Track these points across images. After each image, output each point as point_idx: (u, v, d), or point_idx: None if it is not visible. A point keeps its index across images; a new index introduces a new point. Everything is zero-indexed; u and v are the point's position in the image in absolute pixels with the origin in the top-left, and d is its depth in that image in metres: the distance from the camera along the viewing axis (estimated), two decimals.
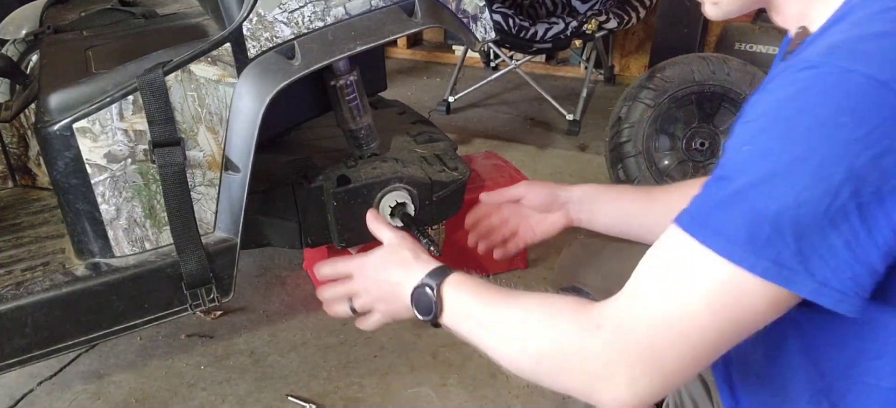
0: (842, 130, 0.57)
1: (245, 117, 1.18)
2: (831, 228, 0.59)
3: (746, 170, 0.61)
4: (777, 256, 0.60)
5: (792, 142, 0.59)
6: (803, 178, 0.58)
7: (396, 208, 1.42)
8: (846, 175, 0.57)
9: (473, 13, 1.37)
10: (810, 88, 0.59)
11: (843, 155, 0.57)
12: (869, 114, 0.57)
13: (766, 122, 0.61)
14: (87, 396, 1.46)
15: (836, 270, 0.60)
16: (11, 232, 1.35)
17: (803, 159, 0.59)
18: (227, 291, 1.28)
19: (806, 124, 0.59)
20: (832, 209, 0.58)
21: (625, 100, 2.04)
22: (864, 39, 0.60)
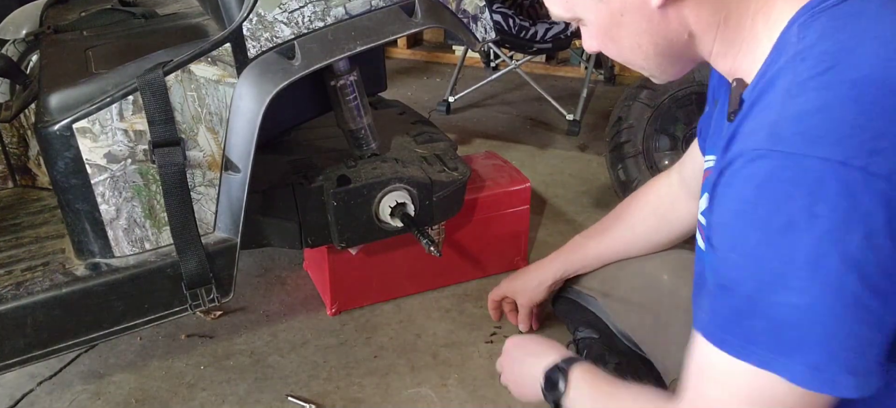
0: (820, 220, 0.57)
1: (245, 117, 1.18)
2: (855, 321, 0.58)
3: (741, 279, 0.62)
4: (811, 360, 0.59)
5: (774, 245, 0.59)
6: (800, 279, 0.58)
7: (396, 208, 1.42)
8: (841, 263, 0.57)
9: (473, 13, 1.37)
10: (771, 184, 0.59)
11: (831, 245, 0.57)
12: (840, 199, 0.56)
13: (741, 225, 0.61)
14: (87, 396, 1.46)
15: (875, 360, 0.59)
16: (11, 232, 1.35)
17: (792, 260, 0.58)
18: (227, 292, 1.28)
19: (780, 224, 0.58)
20: (846, 300, 0.57)
21: (625, 100, 2.04)
22: (807, 117, 0.59)
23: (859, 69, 0.60)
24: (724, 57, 0.74)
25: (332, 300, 1.67)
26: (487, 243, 1.76)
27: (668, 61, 0.77)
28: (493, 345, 1.58)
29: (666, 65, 0.77)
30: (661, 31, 0.73)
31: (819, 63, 0.61)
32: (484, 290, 1.75)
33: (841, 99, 0.59)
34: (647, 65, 0.78)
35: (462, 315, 1.67)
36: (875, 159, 0.56)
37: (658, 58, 0.76)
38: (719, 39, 0.73)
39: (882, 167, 0.56)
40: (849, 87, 0.59)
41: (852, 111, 0.58)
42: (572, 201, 2.21)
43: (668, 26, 0.72)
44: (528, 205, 1.79)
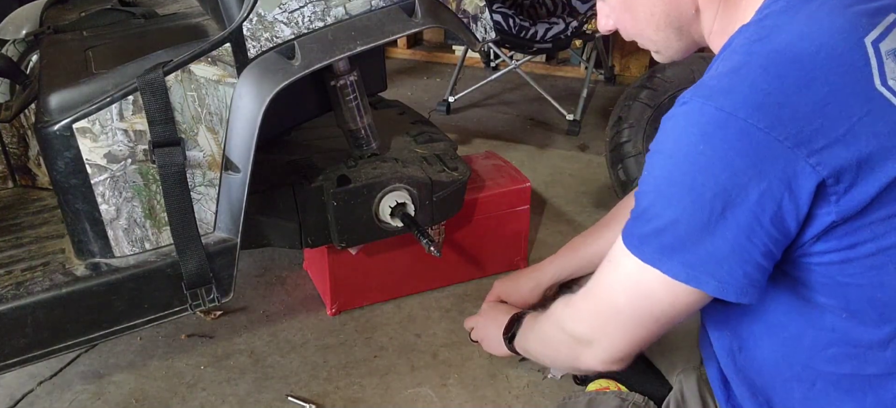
0: (701, 156, 0.70)
1: (245, 117, 1.18)
2: (717, 236, 0.72)
3: (645, 192, 0.77)
4: (683, 260, 0.74)
5: (669, 167, 0.74)
6: (683, 198, 0.72)
7: (396, 208, 1.42)
8: (714, 192, 0.70)
9: (473, 13, 1.37)
10: (678, 123, 0.74)
11: (707, 176, 0.70)
12: (720, 141, 0.69)
13: (655, 149, 0.76)
14: (87, 396, 1.46)
15: (731, 271, 0.73)
16: (11, 232, 1.35)
17: (678, 181, 0.73)
18: (227, 291, 1.28)
19: (679, 154, 0.73)
20: (712, 220, 0.71)
21: (625, 100, 2.04)
22: (720, 76, 0.72)
23: (776, 42, 0.71)
24: (719, 35, 0.83)
25: (332, 300, 1.67)
26: (487, 243, 1.76)
27: (675, 35, 0.86)
28: None
29: (673, 39, 0.87)
30: (673, 2, 0.83)
31: (752, 35, 0.74)
32: (484, 290, 1.75)
33: (750, 65, 0.71)
34: (657, 37, 0.88)
35: (462, 315, 1.67)
36: (756, 114, 0.68)
37: (667, 30, 0.86)
38: (719, 17, 0.83)
39: (761, 121, 0.68)
40: (762, 56, 0.71)
41: (754, 75, 0.70)
42: (572, 201, 2.21)
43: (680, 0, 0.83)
44: (528, 205, 1.79)
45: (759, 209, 0.70)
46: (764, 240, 0.71)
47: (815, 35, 0.71)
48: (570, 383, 1.42)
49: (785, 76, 0.69)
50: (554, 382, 1.48)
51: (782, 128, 0.68)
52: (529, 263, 1.86)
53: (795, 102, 0.68)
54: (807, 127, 0.68)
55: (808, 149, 0.68)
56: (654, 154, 0.76)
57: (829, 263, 0.74)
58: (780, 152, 0.68)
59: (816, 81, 0.69)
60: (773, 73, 0.69)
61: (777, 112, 0.68)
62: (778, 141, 0.68)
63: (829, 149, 0.68)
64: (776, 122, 0.68)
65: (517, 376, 1.50)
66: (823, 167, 0.68)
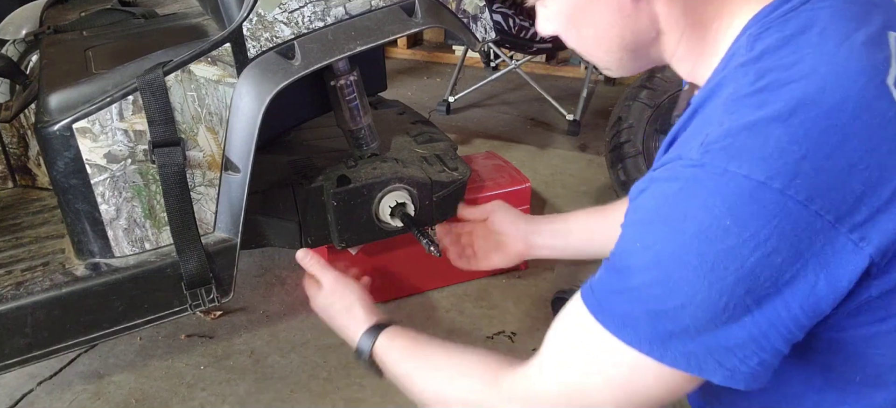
0: (727, 235, 0.59)
1: (245, 117, 1.18)
2: (733, 323, 0.61)
3: (640, 271, 0.64)
4: (685, 349, 0.63)
5: (681, 248, 0.61)
6: (696, 283, 0.60)
7: (396, 208, 1.42)
8: (737, 277, 0.59)
9: (473, 13, 1.37)
10: (691, 190, 0.61)
11: (731, 259, 0.59)
12: (751, 216, 0.58)
13: (655, 220, 0.63)
14: (87, 396, 1.46)
15: (744, 360, 0.62)
16: (11, 232, 1.35)
17: (693, 266, 0.60)
18: (227, 292, 1.28)
19: (692, 230, 0.60)
20: (730, 307, 0.60)
21: (625, 100, 2.04)
22: (736, 133, 0.60)
23: (791, 91, 0.60)
24: (684, 61, 0.74)
25: None
26: None
27: (629, 57, 0.76)
28: (493, 344, 1.58)
29: (626, 60, 0.76)
30: (630, 24, 0.72)
31: (758, 79, 0.62)
32: (484, 290, 1.75)
33: (769, 120, 0.60)
34: (607, 58, 0.77)
35: (462, 315, 1.67)
36: (794, 184, 0.58)
37: (620, 52, 0.75)
38: (684, 42, 0.73)
39: (800, 193, 0.58)
40: (780, 107, 0.60)
41: (778, 133, 0.59)
42: (572, 201, 2.21)
43: (638, 21, 0.72)
44: (529, 205, 1.79)
45: (790, 293, 0.60)
46: (789, 327, 0.62)
47: (835, 81, 0.61)
48: None
49: (813, 135, 0.59)
50: None
51: (822, 200, 0.58)
52: (529, 264, 1.86)
53: (831, 168, 0.58)
54: (848, 197, 0.58)
55: (851, 223, 0.58)
56: (653, 224, 0.64)
57: (853, 340, 0.66)
58: (819, 228, 0.58)
59: (849, 141, 0.59)
60: (799, 130, 0.59)
61: (815, 180, 0.58)
62: (819, 215, 0.58)
63: (873, 221, 0.59)
64: (815, 193, 0.58)
65: None
66: (868, 243, 0.59)
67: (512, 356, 0.81)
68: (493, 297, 1.74)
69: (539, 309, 1.66)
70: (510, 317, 1.67)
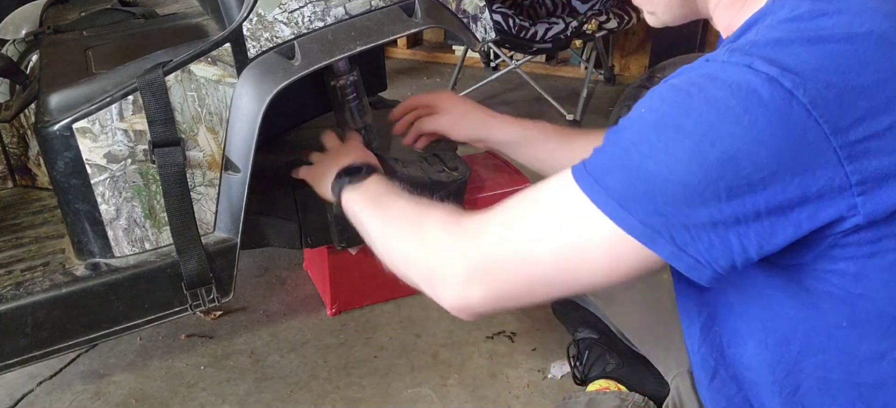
0: (727, 112, 0.61)
1: (245, 117, 1.18)
2: (699, 204, 0.63)
3: (637, 127, 0.66)
4: (645, 217, 0.65)
5: (682, 112, 0.64)
6: (683, 147, 0.63)
7: None
8: (720, 156, 0.61)
9: (473, 13, 1.37)
10: (713, 75, 0.64)
11: (723, 136, 0.61)
12: (755, 104, 0.61)
13: (667, 92, 0.66)
14: (87, 396, 1.46)
15: (694, 240, 0.65)
16: (11, 232, 1.35)
17: (687, 131, 0.63)
18: (227, 292, 1.28)
19: (698, 100, 0.63)
20: (701, 187, 0.62)
21: (625, 100, 2.04)
22: (763, 44, 0.64)
23: (820, 22, 0.64)
24: (727, 9, 0.77)
25: (332, 300, 1.67)
26: None
27: (678, 1, 0.80)
28: (493, 344, 1.58)
29: (675, 4, 0.80)
30: None
31: (793, 11, 0.66)
32: None
33: (796, 41, 0.63)
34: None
35: None
36: (802, 86, 0.61)
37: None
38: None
39: (805, 96, 0.60)
40: (809, 32, 0.64)
41: (801, 48, 0.63)
42: None
43: None
44: None
45: (762, 193, 0.62)
46: (750, 226, 0.64)
47: (866, 17, 0.65)
48: (570, 382, 1.42)
49: (833, 56, 0.62)
50: (554, 382, 1.49)
51: (824, 109, 0.61)
52: None
53: (841, 85, 0.61)
54: (849, 115, 0.61)
55: (844, 140, 0.61)
56: (669, 93, 0.66)
57: (843, 273, 0.68)
58: (812, 137, 0.61)
59: (866, 68, 0.62)
60: (821, 51, 0.62)
61: (824, 92, 0.61)
62: (817, 123, 0.61)
63: (865, 144, 0.62)
64: (820, 101, 0.61)
65: (517, 377, 1.50)
66: (852, 163, 0.62)
67: (510, 356, 0.82)
68: None
69: (539, 309, 1.66)
70: (510, 317, 1.67)
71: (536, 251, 0.71)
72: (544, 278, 0.72)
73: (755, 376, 0.80)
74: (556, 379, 1.48)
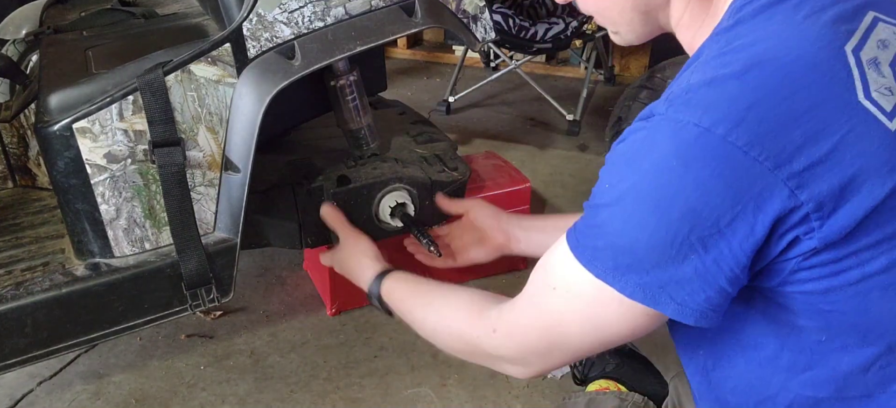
0: (672, 173, 0.65)
1: (245, 117, 1.18)
2: (681, 260, 0.67)
3: (605, 207, 0.71)
4: (640, 281, 0.69)
5: (636, 183, 0.68)
6: (647, 214, 0.67)
7: (396, 208, 1.42)
8: (682, 213, 0.65)
9: (473, 13, 1.37)
10: (652, 136, 0.68)
11: (676, 197, 0.65)
12: (694, 159, 0.64)
13: (621, 161, 0.71)
14: (87, 396, 1.46)
15: (692, 294, 0.68)
16: (11, 232, 1.35)
17: (644, 199, 0.67)
18: (227, 292, 1.28)
19: (646, 168, 0.67)
20: (676, 243, 0.66)
21: (625, 100, 2.04)
22: (695, 88, 0.66)
23: (752, 51, 0.66)
24: (687, 29, 0.79)
25: (332, 300, 1.67)
26: None
27: (640, 20, 0.80)
28: None
29: (637, 23, 0.81)
30: None
31: (726, 44, 0.68)
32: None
33: (726, 77, 0.65)
34: (620, 19, 0.81)
35: None
36: (736, 130, 0.62)
37: (633, 13, 0.79)
38: (690, 9, 0.77)
39: (740, 139, 0.62)
40: (738, 65, 0.65)
41: (732, 87, 0.64)
42: (572, 201, 2.21)
43: None
44: (528, 205, 1.79)
45: (731, 233, 0.65)
46: (731, 266, 0.67)
47: (794, 44, 0.66)
48: (570, 383, 1.42)
49: (763, 88, 0.64)
50: (554, 381, 1.49)
51: (761, 147, 0.62)
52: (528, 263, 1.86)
53: (775, 118, 0.63)
54: (788, 146, 0.62)
55: (788, 171, 0.63)
56: (619, 166, 0.71)
57: (811, 292, 0.69)
58: (758, 174, 0.63)
59: (797, 94, 0.63)
60: (750, 84, 0.64)
61: (757, 129, 0.62)
62: (757, 161, 0.62)
63: (812, 171, 0.63)
64: (755, 140, 0.62)
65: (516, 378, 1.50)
66: (803, 191, 0.63)
67: None
68: None
69: None
70: None
71: (567, 332, 0.77)
72: (585, 346, 0.79)
73: (745, 395, 0.80)
74: (555, 379, 1.48)
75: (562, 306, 0.76)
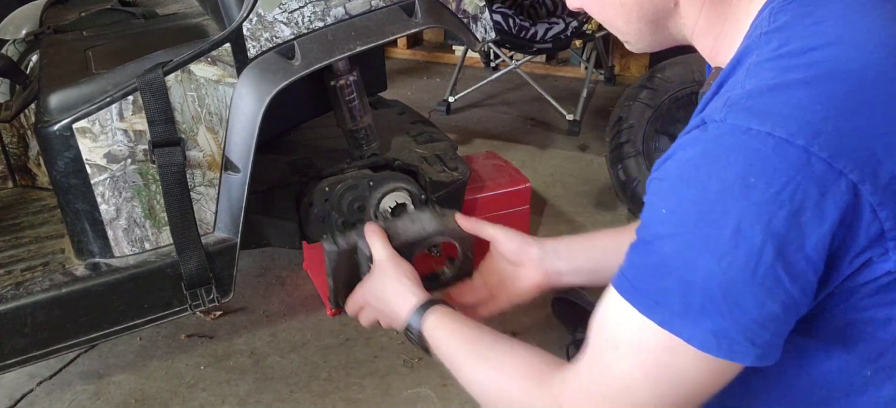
0: (752, 191, 0.57)
1: (245, 117, 1.18)
2: (766, 294, 0.58)
3: (666, 239, 0.61)
4: (715, 326, 0.59)
5: (706, 210, 0.58)
6: (722, 244, 0.58)
7: (396, 209, 1.42)
8: (765, 236, 0.57)
9: (473, 13, 1.37)
10: (714, 150, 0.59)
11: (758, 216, 0.57)
12: (776, 172, 0.56)
13: (678, 183, 0.61)
14: (86, 396, 1.46)
15: (777, 335, 0.60)
16: (11, 232, 1.35)
17: (719, 225, 0.58)
18: (227, 292, 1.28)
19: (715, 189, 0.58)
20: (760, 273, 0.57)
21: (625, 100, 2.04)
22: (759, 94, 0.59)
23: (814, 55, 0.60)
24: (705, 35, 0.73)
25: None
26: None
27: (648, 29, 0.74)
28: None
29: (646, 32, 0.75)
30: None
31: (780, 46, 0.62)
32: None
33: (792, 81, 0.59)
34: (627, 29, 0.76)
35: None
36: (817, 141, 0.56)
37: (640, 23, 0.74)
38: (704, 15, 0.72)
39: (823, 150, 0.56)
40: (802, 70, 0.59)
41: (800, 94, 0.58)
42: (572, 201, 2.21)
43: None
44: (529, 205, 1.79)
45: (817, 257, 0.57)
46: (810, 292, 0.59)
47: (857, 51, 0.61)
48: None
49: (835, 97, 0.58)
50: None
51: (845, 158, 0.56)
52: None
53: (852, 129, 0.57)
54: (871, 159, 0.57)
55: (874, 184, 0.57)
56: (677, 187, 0.61)
57: (872, 322, 0.64)
58: (845, 188, 0.57)
59: (868, 105, 0.58)
60: (821, 93, 0.58)
61: (837, 139, 0.56)
62: (843, 175, 0.56)
63: (892, 187, 0.57)
64: (838, 151, 0.56)
65: None
66: (884, 209, 0.58)
67: None
68: None
69: (539, 309, 1.66)
70: (510, 317, 1.67)
71: (641, 399, 0.66)
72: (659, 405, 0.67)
73: None
74: None
75: (629, 367, 0.65)
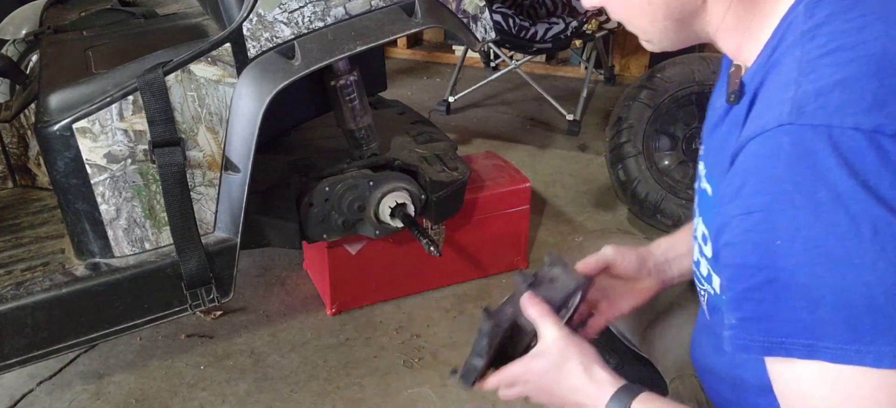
0: (866, 188, 0.53)
1: (245, 117, 1.18)
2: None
3: (796, 269, 0.55)
4: (893, 338, 0.54)
5: (829, 221, 0.54)
6: (867, 251, 0.53)
7: (396, 209, 1.42)
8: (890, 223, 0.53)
9: (473, 13, 1.37)
10: (802, 158, 0.55)
11: (889, 209, 0.53)
12: (881, 163, 0.54)
13: (779, 208, 0.56)
14: (87, 396, 1.46)
15: None
16: (11, 232, 1.35)
17: (854, 233, 0.54)
18: (227, 292, 1.28)
19: (828, 199, 0.54)
20: None
21: (625, 100, 2.04)
22: (828, 91, 0.56)
23: (871, 46, 0.58)
24: (732, 33, 0.71)
25: (332, 300, 1.67)
26: (487, 243, 1.76)
27: (674, 28, 0.72)
28: None
29: (671, 31, 0.73)
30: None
31: (830, 41, 0.60)
32: (484, 290, 1.75)
33: (858, 74, 0.56)
34: (652, 28, 0.74)
35: (462, 315, 1.67)
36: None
37: (665, 22, 0.72)
38: (731, 13, 0.70)
39: None
40: (864, 62, 0.57)
41: (872, 84, 0.56)
42: (572, 201, 2.21)
43: None
44: (528, 205, 1.79)
45: None
46: None
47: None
48: None
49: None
50: None
51: None
52: (529, 263, 1.86)
53: None
54: None
55: None
56: (786, 209, 0.56)
57: None
58: None
59: None
60: (891, 83, 0.56)
61: None
62: None
63: None
64: None
65: None
66: None
67: None
68: (493, 297, 1.74)
69: None
70: None
71: None
72: None
73: None
74: None
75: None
